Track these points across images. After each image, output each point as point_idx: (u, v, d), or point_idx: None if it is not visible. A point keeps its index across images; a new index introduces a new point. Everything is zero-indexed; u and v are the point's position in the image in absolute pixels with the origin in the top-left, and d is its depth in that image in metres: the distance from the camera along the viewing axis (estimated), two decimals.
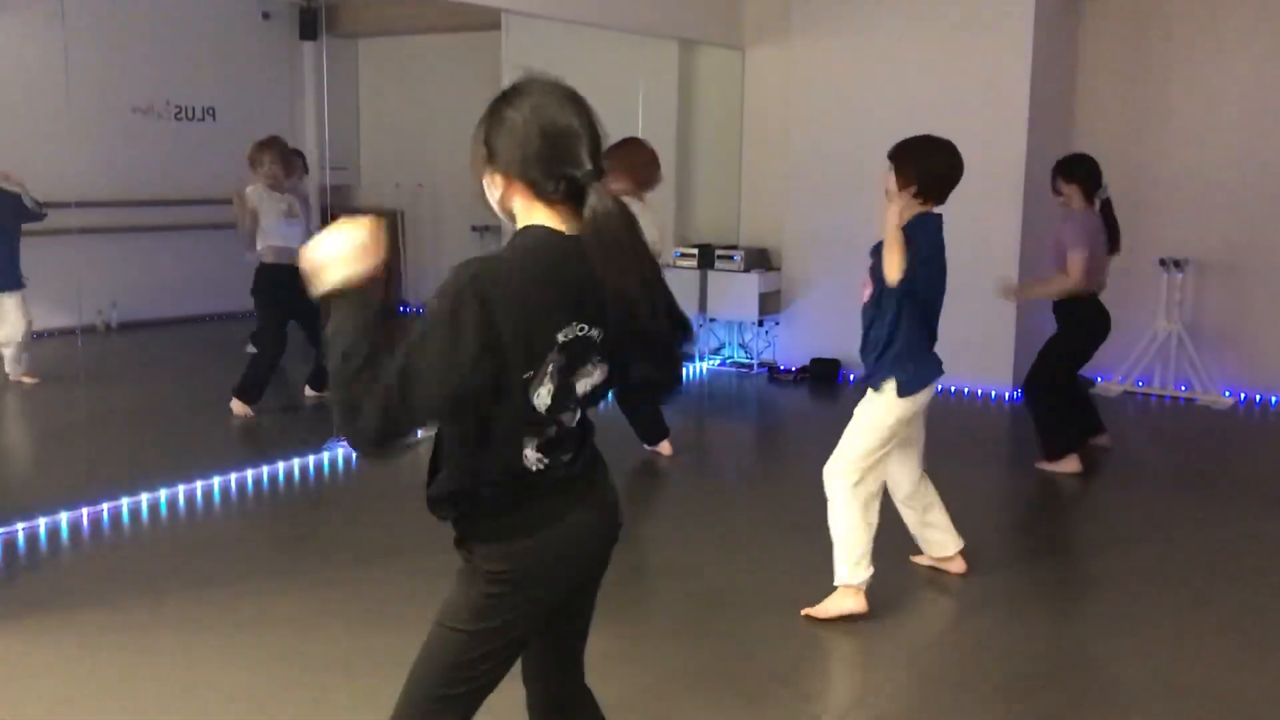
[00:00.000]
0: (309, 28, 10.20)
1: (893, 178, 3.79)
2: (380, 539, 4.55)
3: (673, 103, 8.35)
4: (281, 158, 6.67)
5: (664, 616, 3.86)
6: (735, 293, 8.01)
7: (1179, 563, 4.41)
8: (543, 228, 1.91)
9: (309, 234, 6.51)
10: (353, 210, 11.77)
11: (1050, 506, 5.27)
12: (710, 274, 8.09)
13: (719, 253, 8.11)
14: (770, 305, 8.10)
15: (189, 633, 3.64)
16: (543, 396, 1.89)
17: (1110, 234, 5.68)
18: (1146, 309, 7.38)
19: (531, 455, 1.92)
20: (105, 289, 9.14)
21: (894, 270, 3.70)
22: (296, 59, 10.46)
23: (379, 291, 1.85)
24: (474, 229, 10.06)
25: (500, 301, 1.80)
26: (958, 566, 4.14)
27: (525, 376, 1.86)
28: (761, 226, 8.40)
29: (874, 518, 3.79)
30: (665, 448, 5.89)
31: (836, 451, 3.82)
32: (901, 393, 3.78)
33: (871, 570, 3.76)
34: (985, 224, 7.26)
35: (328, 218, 9.37)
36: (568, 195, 1.90)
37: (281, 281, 6.29)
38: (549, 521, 1.97)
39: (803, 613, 3.78)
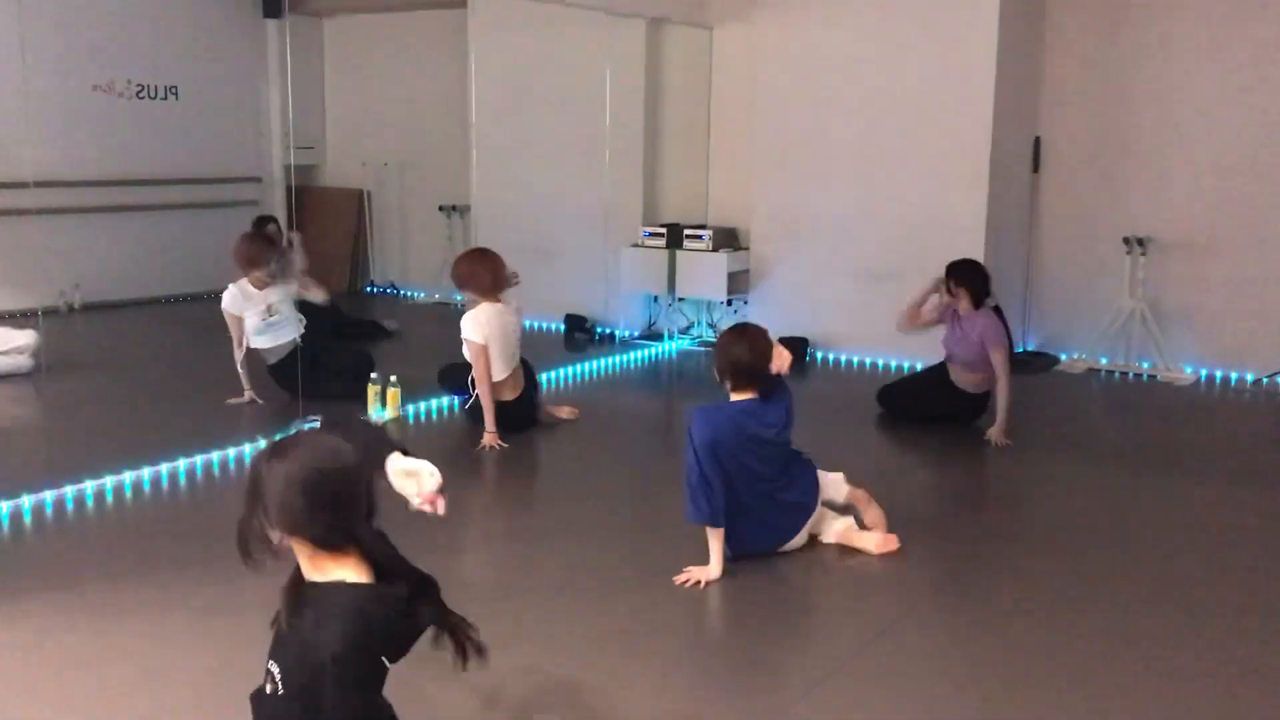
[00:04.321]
0: (273, 5, 10.08)
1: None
2: None
3: (640, 81, 8.33)
4: (265, 253, 6.40)
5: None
6: (703, 272, 8.01)
7: (1138, 537, 4.47)
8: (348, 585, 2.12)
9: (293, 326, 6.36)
10: (317, 190, 11.63)
11: (1005, 484, 5.32)
12: (679, 253, 8.09)
13: (687, 232, 8.11)
14: (738, 284, 8.11)
15: (154, 616, 3.62)
16: None
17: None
18: (1110, 287, 7.46)
19: None
20: (68, 270, 9.02)
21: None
22: (260, 37, 10.35)
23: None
24: (441, 209, 10.01)
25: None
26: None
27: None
28: (730, 206, 8.41)
29: None
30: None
31: None
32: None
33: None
34: (950, 204, 7.31)
35: (292, 197, 9.32)
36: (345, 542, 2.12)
37: (288, 373, 6.23)
38: None
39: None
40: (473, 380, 5.66)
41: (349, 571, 2.12)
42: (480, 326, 5.60)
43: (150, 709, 3.06)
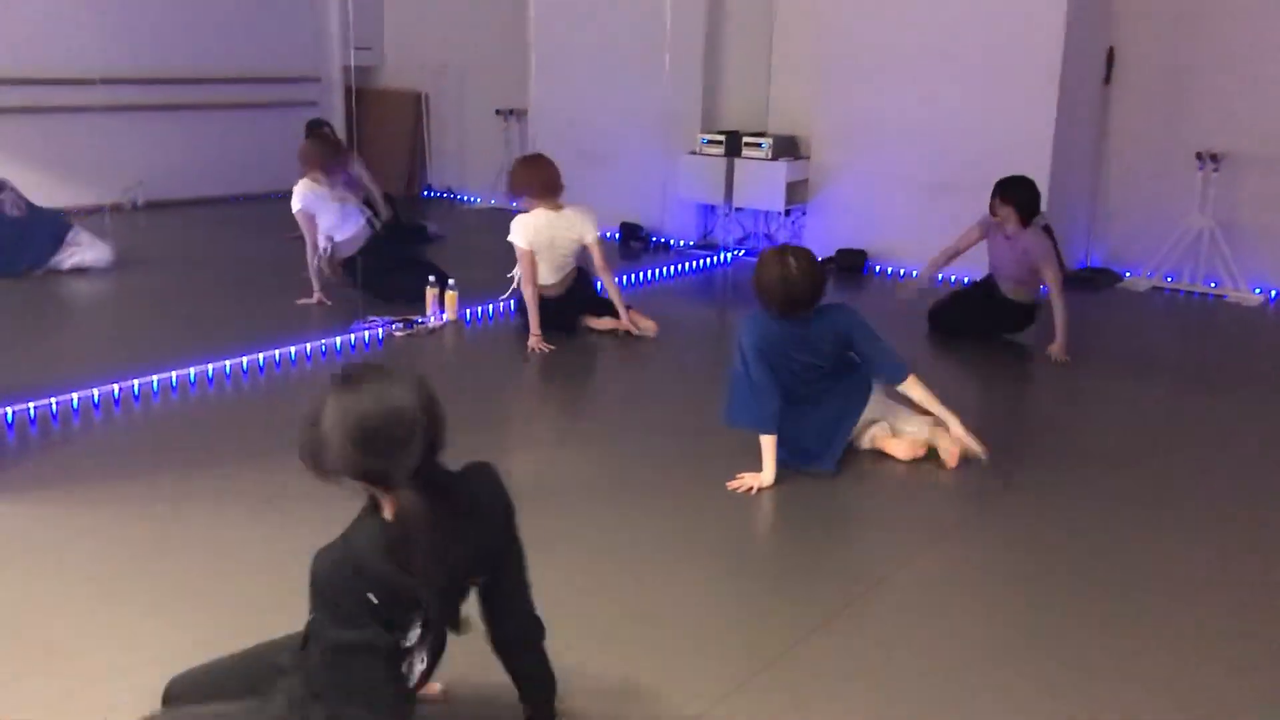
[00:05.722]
0: None
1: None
2: None
3: None
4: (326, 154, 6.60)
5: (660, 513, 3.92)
6: (762, 181, 7.92)
7: (1195, 454, 4.43)
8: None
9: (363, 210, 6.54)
10: (375, 92, 11.56)
11: (1061, 399, 5.28)
12: (737, 161, 8.00)
13: (746, 140, 8.00)
14: (797, 194, 8.02)
15: (219, 504, 3.73)
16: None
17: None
18: (1180, 203, 7.28)
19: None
20: (131, 168, 9.13)
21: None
22: None
23: None
24: (498, 112, 9.95)
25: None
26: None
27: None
28: (791, 114, 8.26)
29: None
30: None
31: None
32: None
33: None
34: (1017, 116, 7.13)
35: (351, 99, 9.31)
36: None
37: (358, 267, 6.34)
38: None
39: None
40: (518, 281, 5.75)
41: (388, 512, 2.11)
42: (526, 231, 5.66)
43: (212, 591, 3.17)
